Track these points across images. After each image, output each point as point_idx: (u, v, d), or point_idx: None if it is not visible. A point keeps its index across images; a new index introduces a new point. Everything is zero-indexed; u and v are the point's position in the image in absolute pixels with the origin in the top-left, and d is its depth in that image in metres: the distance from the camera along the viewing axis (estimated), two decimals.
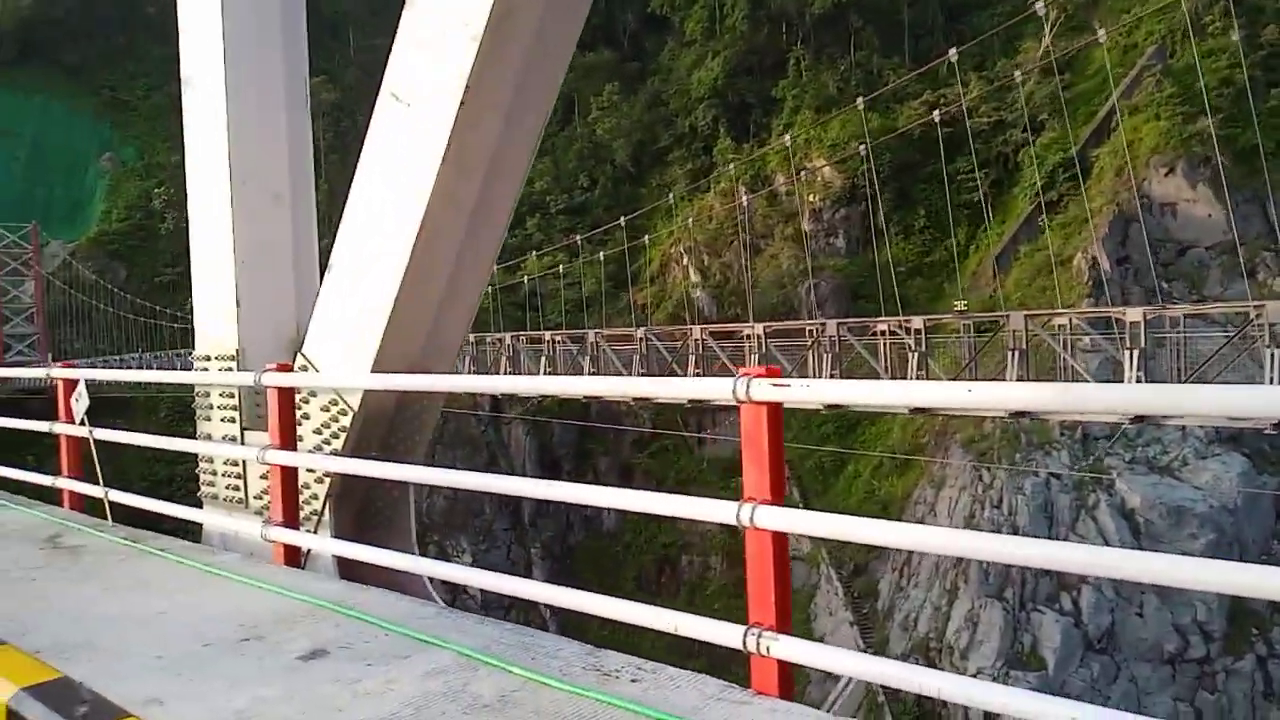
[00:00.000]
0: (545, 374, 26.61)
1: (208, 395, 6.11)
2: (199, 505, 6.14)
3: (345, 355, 5.18)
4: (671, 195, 45.08)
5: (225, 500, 5.99)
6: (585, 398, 22.68)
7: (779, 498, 2.91)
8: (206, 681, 3.27)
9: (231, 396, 5.95)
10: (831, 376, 19.26)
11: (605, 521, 45.38)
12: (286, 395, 4.96)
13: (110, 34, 75.31)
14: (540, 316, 45.15)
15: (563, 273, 42.04)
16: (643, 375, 22.52)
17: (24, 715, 3.12)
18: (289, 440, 4.95)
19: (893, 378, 18.23)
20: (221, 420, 6.00)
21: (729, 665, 3.50)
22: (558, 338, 29.71)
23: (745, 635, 2.91)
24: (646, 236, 42.80)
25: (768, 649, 2.87)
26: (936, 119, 25.11)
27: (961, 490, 34.35)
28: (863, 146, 30.27)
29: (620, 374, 23.52)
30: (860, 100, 28.68)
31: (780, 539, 2.93)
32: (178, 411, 44.52)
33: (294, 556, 4.95)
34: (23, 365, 55.99)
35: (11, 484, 7.97)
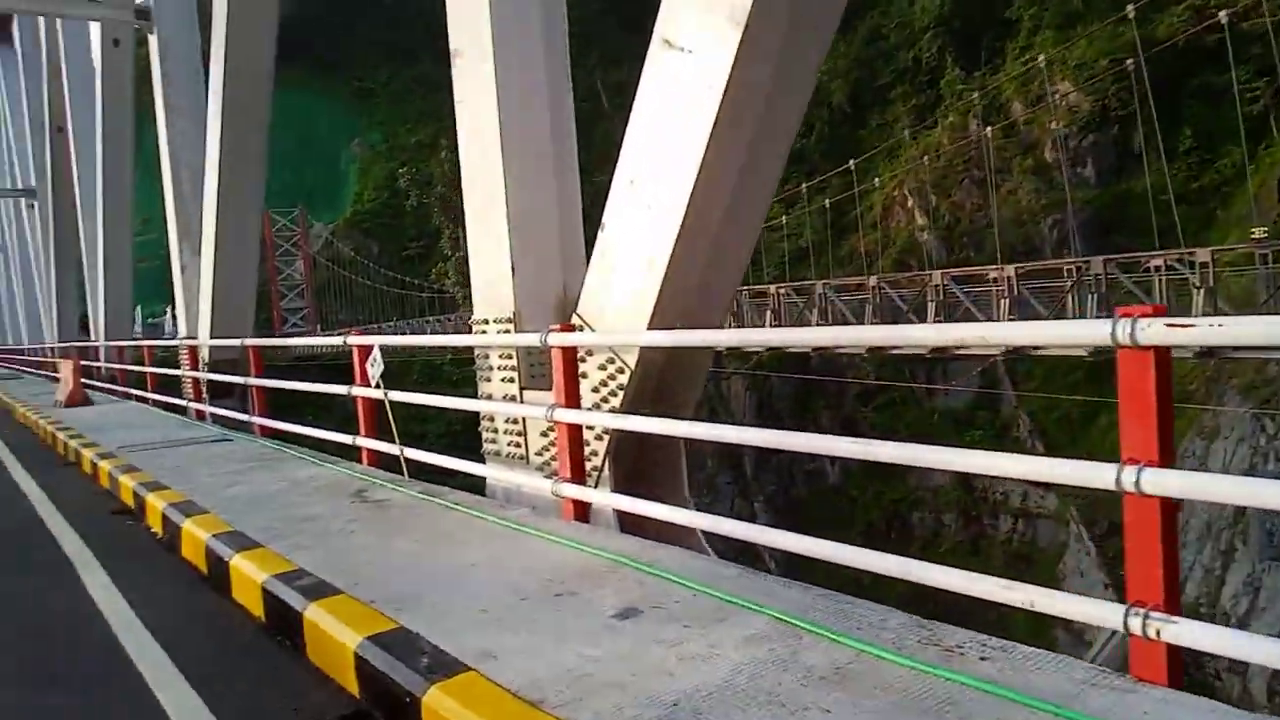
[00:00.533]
0: (770, 327, 26.24)
1: (487, 357, 6.35)
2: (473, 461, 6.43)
3: (620, 313, 5.15)
4: (896, 134, 42.77)
5: (507, 456, 6.23)
6: (868, 349, 21.56)
7: (1168, 459, 2.49)
8: (532, 636, 3.32)
9: (510, 357, 6.15)
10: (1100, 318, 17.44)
11: (830, 475, 44.59)
12: (570, 354, 5.02)
13: (354, 26, 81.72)
14: (760, 271, 44.60)
15: (782, 224, 41.18)
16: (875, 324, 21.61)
17: (371, 662, 3.31)
18: (574, 398, 5.01)
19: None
20: (501, 380, 6.22)
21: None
22: (782, 290, 29.17)
23: (1127, 616, 2.53)
24: (871, 179, 40.93)
25: (1156, 632, 2.48)
26: (1223, 19, 21.83)
27: (1239, 442, 30.55)
28: (1128, 61, 26.97)
29: (849, 324, 22.71)
30: (1131, 6, 25.50)
31: (1170, 506, 2.51)
32: (427, 374, 48.38)
33: (583, 511, 5.03)
34: (298, 335, 62.95)
35: (309, 441, 8.82)
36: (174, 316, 57.81)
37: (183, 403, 13.73)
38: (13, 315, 45.16)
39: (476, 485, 6.48)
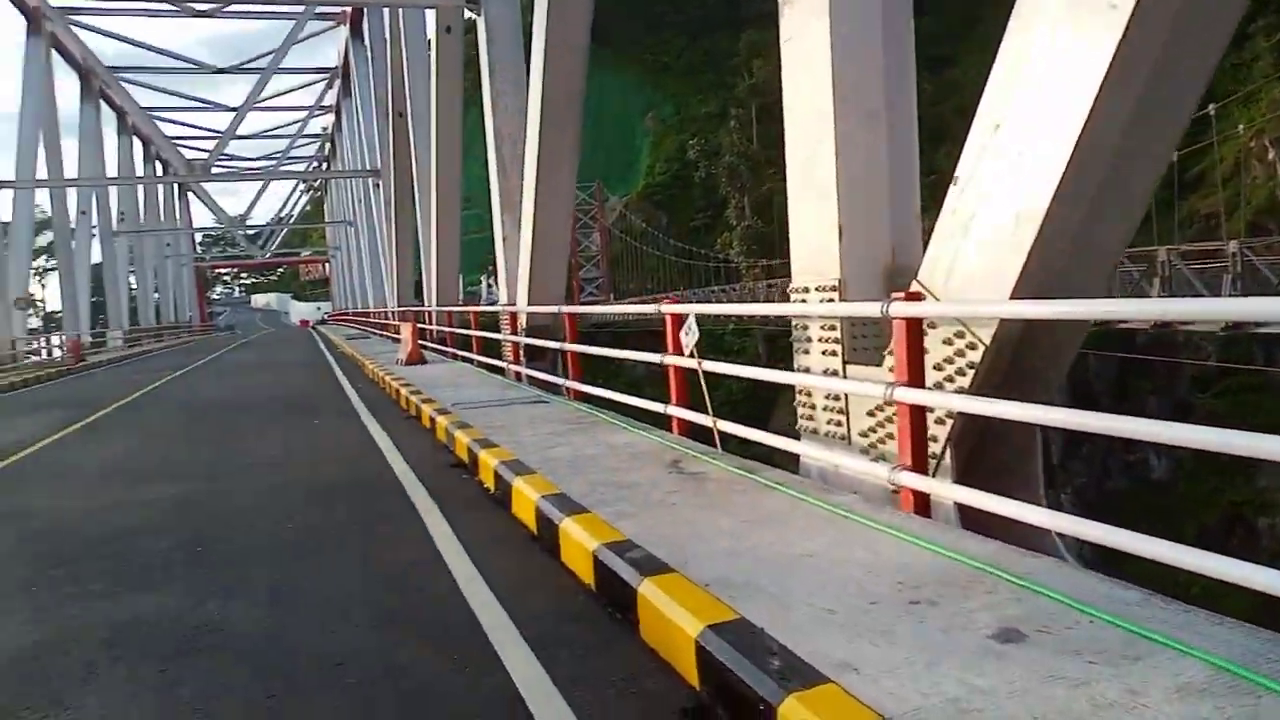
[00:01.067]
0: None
1: (806, 328, 5.97)
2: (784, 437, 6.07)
3: (972, 281, 4.53)
4: (1254, 76, 36.39)
5: (826, 435, 5.83)
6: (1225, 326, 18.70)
7: None
8: (895, 650, 2.91)
9: (833, 329, 5.72)
10: None
11: (1155, 469, 39.56)
12: (915, 327, 4.49)
13: (647, 3, 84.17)
14: None
15: None
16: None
17: (715, 655, 3.07)
18: (918, 377, 4.48)
19: None
20: (822, 354, 5.81)
21: None
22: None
23: None
24: (1224, 129, 35.24)
25: None
26: None
27: None
28: None
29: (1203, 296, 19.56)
30: None
31: None
32: (708, 343, 49.12)
33: (923, 504, 4.51)
34: (592, 304, 66.56)
35: (614, 405, 8.97)
36: (489, 285, 62.98)
37: (502, 364, 14.77)
38: (360, 282, 51.94)
39: (777, 461, 6.16)
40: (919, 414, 4.51)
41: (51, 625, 4.27)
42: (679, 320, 7.08)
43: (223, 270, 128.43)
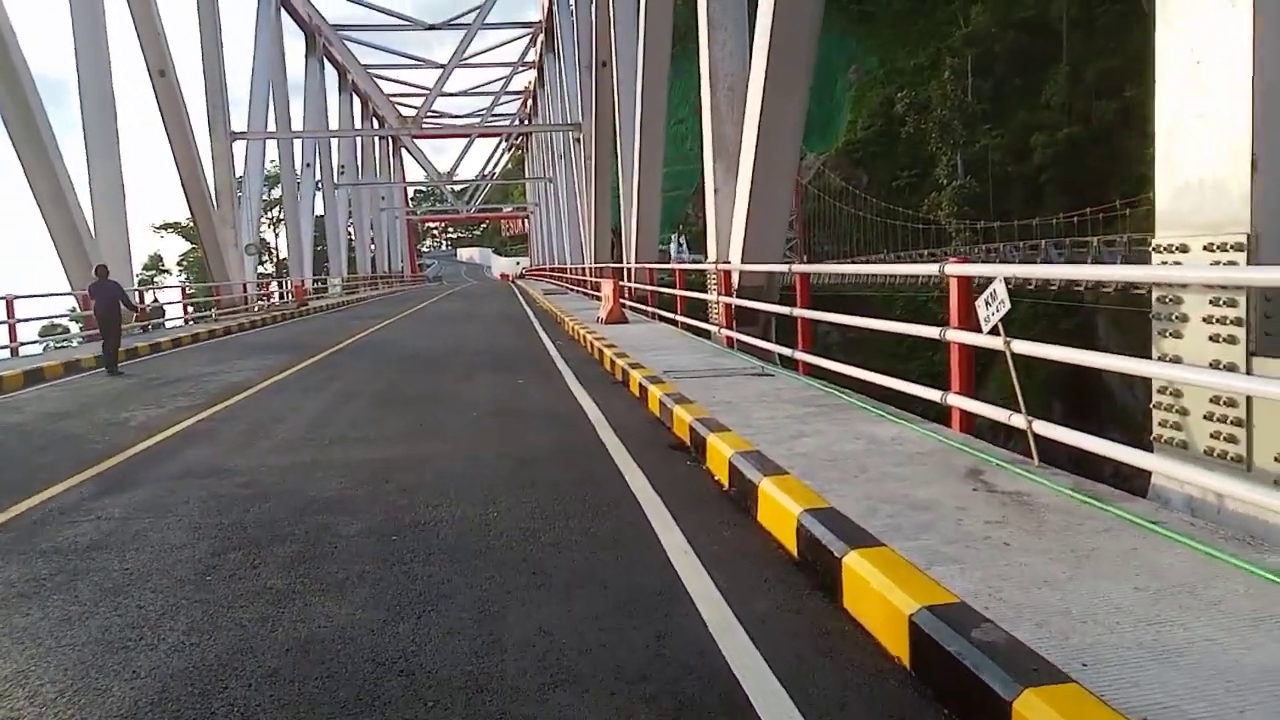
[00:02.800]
0: None
1: (1179, 301, 4.31)
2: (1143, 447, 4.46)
3: None
4: None
5: (1206, 453, 4.18)
6: None
7: None
8: None
9: (1231, 304, 4.04)
10: None
11: None
12: None
13: None
14: None
15: None
16: None
17: None
18: None
19: None
20: (1209, 339, 4.14)
21: None
22: None
23: None
24: None
25: None
26: None
27: None
28: None
29: None
30: None
31: None
32: (911, 311, 45.65)
33: None
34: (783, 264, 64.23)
35: (849, 382, 7.54)
36: (680, 243, 62.27)
37: (708, 327, 13.60)
38: (558, 237, 52.53)
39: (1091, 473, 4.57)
40: None
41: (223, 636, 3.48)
42: (967, 286, 5.56)
43: (432, 224, 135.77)
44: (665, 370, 9.42)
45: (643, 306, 18.92)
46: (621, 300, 17.41)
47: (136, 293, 22.85)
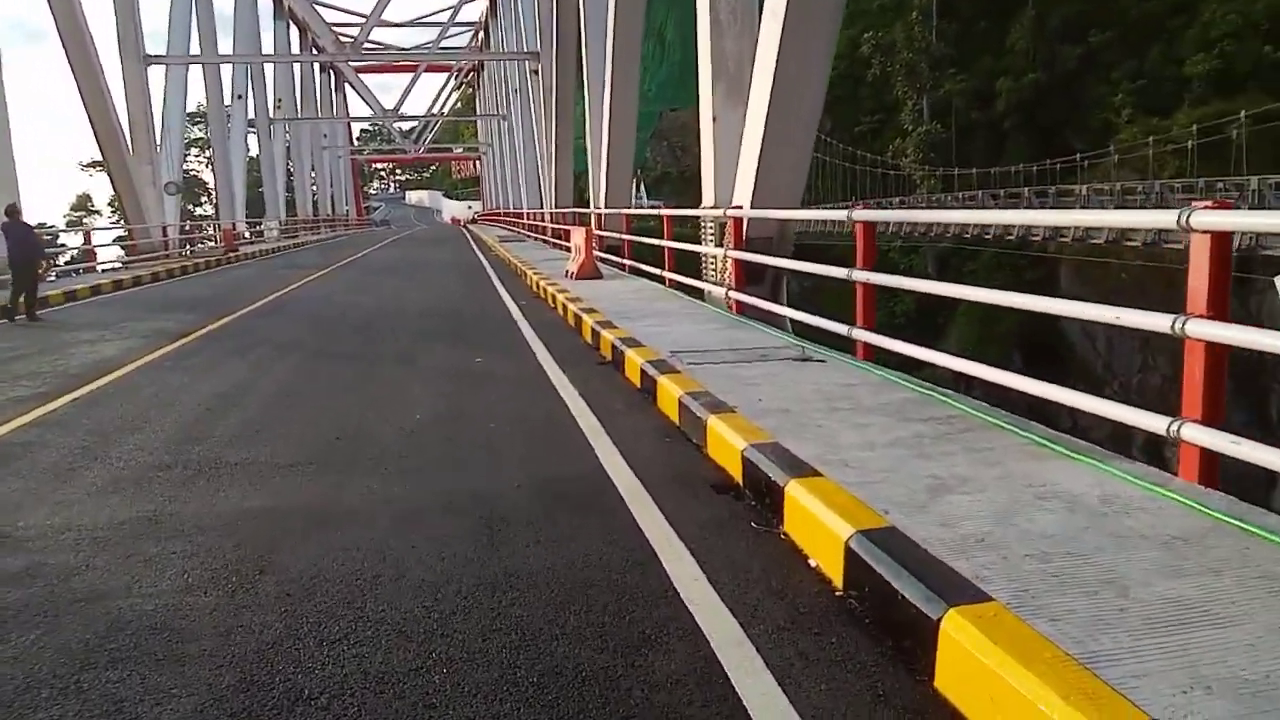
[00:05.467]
0: None
1: None
2: None
3: None
4: None
5: None
6: None
7: None
8: None
9: None
10: None
11: None
12: None
13: None
14: None
15: None
16: None
17: None
18: None
19: None
20: None
21: None
22: None
23: None
24: None
25: None
26: None
27: None
28: None
29: None
30: None
31: None
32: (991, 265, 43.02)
33: None
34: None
35: (895, 364, 5.35)
36: (639, 190, 59.35)
37: (702, 285, 11.32)
38: (513, 179, 49.37)
39: None
40: None
41: None
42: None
43: (379, 165, 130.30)
44: (673, 351, 7.12)
45: (615, 258, 16.51)
46: (594, 251, 14.98)
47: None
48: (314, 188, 61.01)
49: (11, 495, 4.49)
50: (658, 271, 13.18)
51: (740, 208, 9.83)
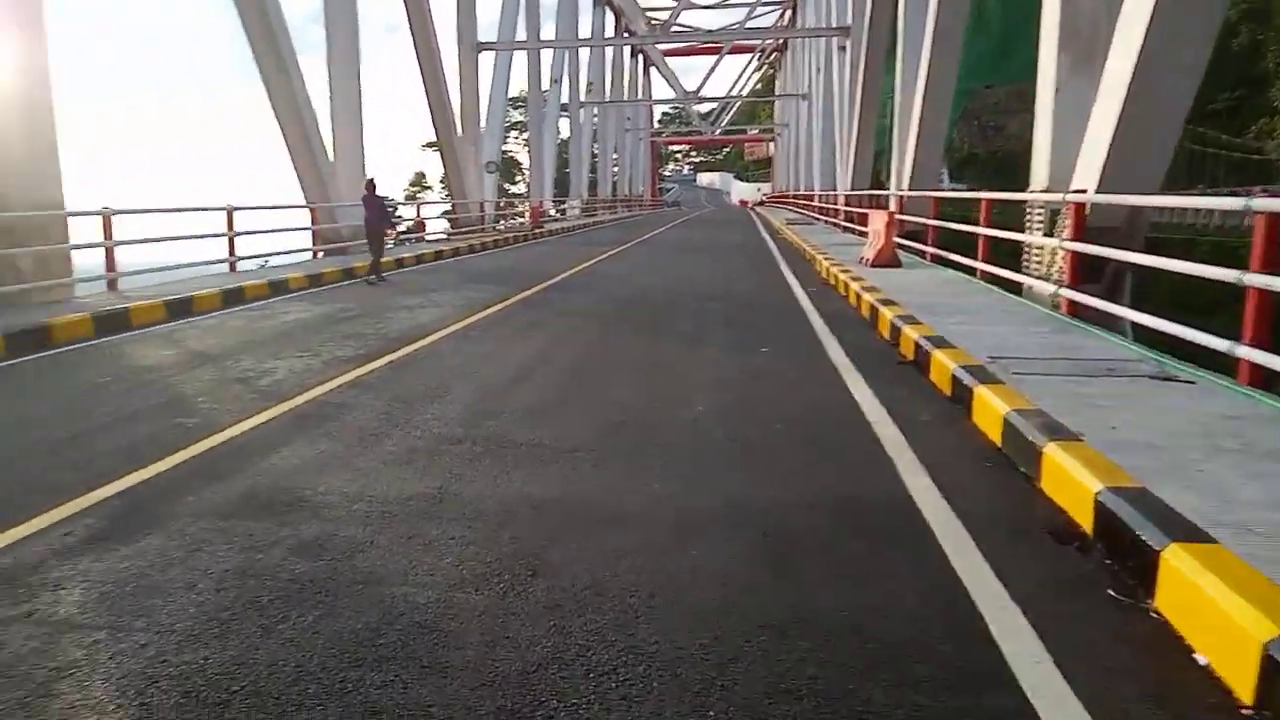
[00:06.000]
0: None
1: None
2: None
3: None
4: None
5: None
6: None
7: None
8: None
9: None
10: None
11: None
12: None
13: None
14: None
15: None
16: None
17: None
18: None
19: None
20: None
21: None
22: None
23: None
24: None
25: None
26: None
27: None
28: None
29: None
30: None
31: None
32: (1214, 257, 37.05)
33: None
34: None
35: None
36: (946, 174, 55.82)
37: (1023, 280, 10.01)
38: (806, 161, 48.32)
39: None
40: None
41: None
42: None
43: (675, 148, 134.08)
44: (992, 355, 6.18)
45: (915, 245, 15.29)
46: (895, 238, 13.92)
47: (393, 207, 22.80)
48: (615, 169, 63.83)
49: (319, 457, 4.70)
50: (967, 261, 11.93)
51: (1083, 191, 8.47)
